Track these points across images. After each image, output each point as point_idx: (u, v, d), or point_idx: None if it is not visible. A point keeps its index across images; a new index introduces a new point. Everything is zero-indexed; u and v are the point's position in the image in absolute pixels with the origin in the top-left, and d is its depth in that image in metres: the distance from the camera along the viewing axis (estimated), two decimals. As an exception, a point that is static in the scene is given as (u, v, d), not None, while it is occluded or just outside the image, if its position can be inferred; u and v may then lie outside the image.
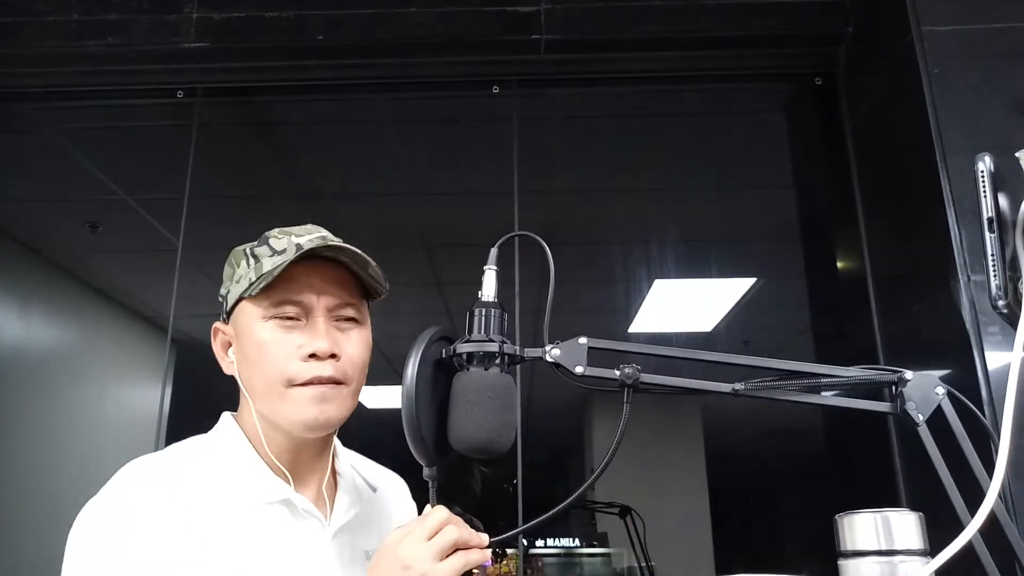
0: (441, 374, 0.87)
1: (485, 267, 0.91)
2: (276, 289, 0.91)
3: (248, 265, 0.94)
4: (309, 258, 0.91)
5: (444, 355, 0.88)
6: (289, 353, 0.91)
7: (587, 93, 2.80)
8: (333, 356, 0.92)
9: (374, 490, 1.04)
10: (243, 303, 0.94)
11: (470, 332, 0.88)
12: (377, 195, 3.03)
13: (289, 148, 3.00)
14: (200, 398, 2.70)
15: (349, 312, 0.96)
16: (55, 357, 3.37)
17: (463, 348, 0.87)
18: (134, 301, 3.58)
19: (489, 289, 0.90)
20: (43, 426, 3.21)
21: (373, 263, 0.95)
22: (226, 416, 0.99)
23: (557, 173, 2.88)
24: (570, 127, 2.90)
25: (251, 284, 0.92)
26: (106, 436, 3.46)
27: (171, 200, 2.64)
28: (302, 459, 0.96)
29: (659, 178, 2.97)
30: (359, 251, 0.93)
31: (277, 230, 0.97)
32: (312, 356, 0.90)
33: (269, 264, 0.92)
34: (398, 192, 3.01)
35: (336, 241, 0.95)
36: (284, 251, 0.93)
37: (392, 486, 1.11)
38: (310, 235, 0.96)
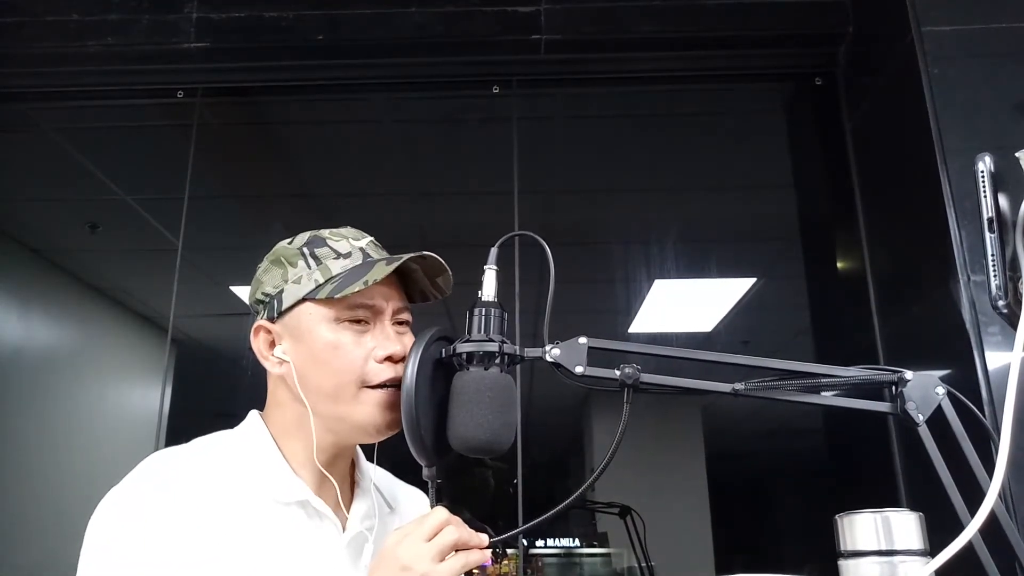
0: (440, 374, 0.87)
1: (485, 267, 0.91)
2: (355, 294, 0.91)
3: (309, 266, 0.94)
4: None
5: (443, 355, 0.88)
6: (365, 355, 0.91)
7: (587, 93, 2.80)
8: (403, 359, 0.93)
9: (391, 508, 1.04)
10: (306, 304, 0.93)
11: (470, 332, 0.88)
12: (377, 195, 3.03)
13: (289, 148, 3.00)
14: (200, 398, 2.70)
15: (407, 316, 0.98)
16: (55, 357, 3.37)
17: (463, 348, 0.86)
18: (134, 301, 3.58)
19: (489, 289, 0.90)
20: (43, 426, 3.21)
21: (448, 271, 0.96)
22: (254, 414, 0.98)
23: (557, 173, 2.87)
24: (570, 127, 2.90)
25: (319, 286, 0.92)
26: (106, 436, 3.46)
27: (171, 200, 2.64)
28: (337, 465, 0.96)
29: (659, 178, 2.97)
30: (440, 259, 0.95)
31: (327, 231, 0.98)
32: (387, 358, 0.92)
33: (339, 267, 0.93)
34: (398, 192, 3.01)
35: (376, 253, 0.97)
36: (349, 254, 0.94)
37: (412, 503, 1.10)
38: (364, 238, 0.98)
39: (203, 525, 0.83)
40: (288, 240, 0.98)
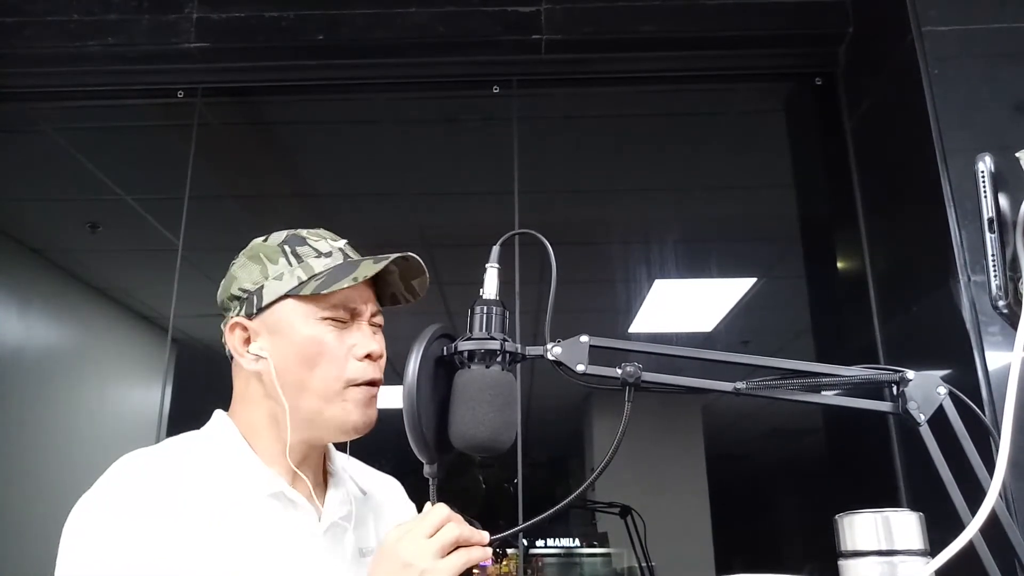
0: (442, 372, 0.87)
1: (487, 264, 0.91)
2: (337, 293, 0.93)
3: (290, 263, 0.95)
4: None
5: (445, 352, 0.88)
6: (346, 354, 0.94)
7: (587, 93, 2.80)
8: (381, 357, 0.96)
9: (364, 493, 1.05)
10: (287, 300, 0.94)
11: (471, 330, 0.88)
12: (377, 195, 3.03)
13: (289, 148, 3.00)
14: (200, 398, 2.70)
15: (380, 319, 1.01)
16: (55, 357, 3.37)
17: (464, 346, 0.86)
18: (134, 301, 3.58)
19: (491, 287, 0.90)
20: (43, 426, 3.21)
21: (426, 274, 1.00)
22: (219, 413, 0.99)
23: (557, 173, 2.88)
24: (570, 127, 2.90)
25: (302, 283, 0.93)
26: (106, 436, 3.46)
27: (171, 200, 2.64)
28: (309, 459, 0.97)
29: (659, 178, 2.97)
30: (421, 261, 0.97)
31: (305, 231, 1.00)
32: (367, 356, 0.94)
33: (321, 265, 0.95)
34: (398, 192, 3.01)
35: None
36: (330, 254, 0.97)
37: (385, 488, 1.12)
38: (340, 240, 1.01)
39: (179, 522, 0.83)
40: (263, 238, 0.99)
